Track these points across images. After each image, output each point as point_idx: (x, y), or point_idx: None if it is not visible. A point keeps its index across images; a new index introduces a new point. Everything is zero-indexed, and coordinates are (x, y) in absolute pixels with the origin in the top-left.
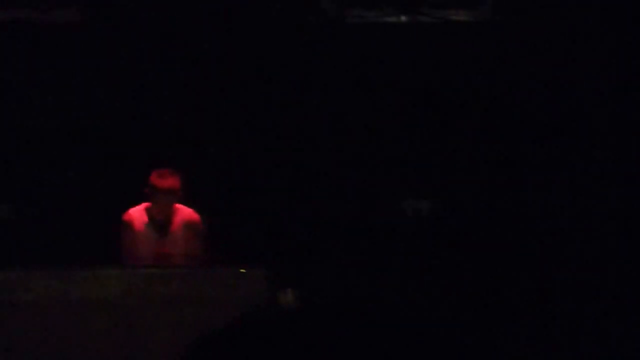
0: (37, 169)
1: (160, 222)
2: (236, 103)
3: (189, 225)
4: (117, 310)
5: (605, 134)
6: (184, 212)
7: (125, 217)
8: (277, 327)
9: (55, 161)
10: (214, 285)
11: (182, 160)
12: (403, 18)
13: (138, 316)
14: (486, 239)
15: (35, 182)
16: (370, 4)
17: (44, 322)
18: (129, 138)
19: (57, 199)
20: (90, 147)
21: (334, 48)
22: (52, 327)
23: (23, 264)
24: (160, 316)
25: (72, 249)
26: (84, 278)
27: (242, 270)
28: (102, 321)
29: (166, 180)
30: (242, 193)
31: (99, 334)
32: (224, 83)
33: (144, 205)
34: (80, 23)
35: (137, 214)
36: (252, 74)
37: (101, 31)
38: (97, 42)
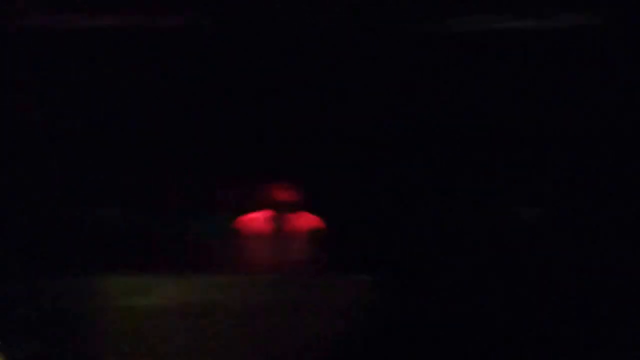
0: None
1: (281, 229)
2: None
3: (307, 232)
4: (239, 314)
5: None
6: (303, 220)
7: (247, 224)
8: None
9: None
10: (331, 291)
11: (299, 170)
12: None
13: (259, 321)
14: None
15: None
16: None
17: (164, 327)
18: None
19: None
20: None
21: None
22: (172, 331)
23: (146, 268)
24: (281, 321)
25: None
26: (206, 284)
27: (363, 278)
28: (221, 326)
29: (283, 192)
30: (352, 200)
31: (218, 338)
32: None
33: (264, 213)
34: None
35: (258, 222)
36: None
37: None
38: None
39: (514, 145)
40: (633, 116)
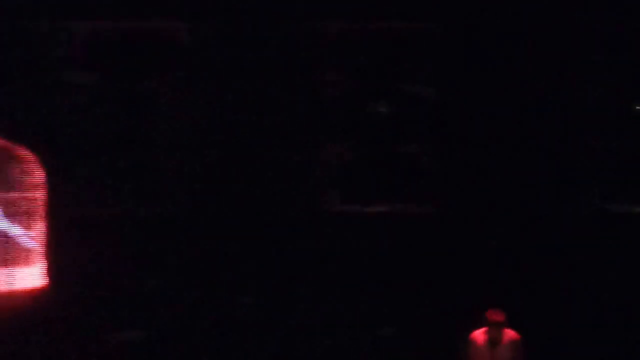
0: None
1: (493, 340)
2: None
3: (512, 342)
4: None
5: None
6: (509, 333)
7: (472, 336)
8: None
9: None
10: None
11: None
12: None
13: None
14: None
15: None
16: None
17: None
18: None
19: None
20: None
21: None
22: None
23: None
24: None
25: None
26: None
27: None
28: None
29: (496, 316)
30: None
31: None
32: None
33: (484, 329)
34: None
35: (479, 335)
36: None
37: None
38: None
39: None
40: None
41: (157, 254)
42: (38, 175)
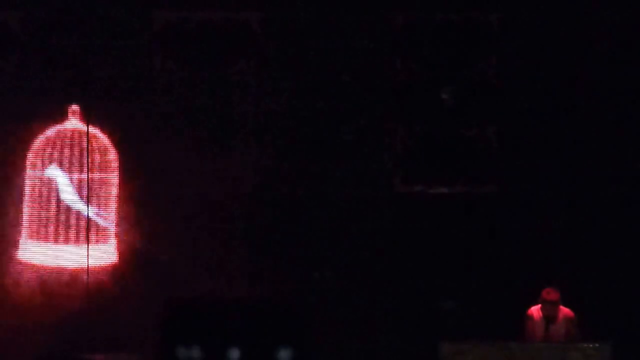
0: None
1: (548, 317)
2: None
3: (567, 319)
4: None
5: None
6: (564, 311)
7: (529, 312)
8: None
9: None
10: (576, 355)
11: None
12: None
13: None
14: None
15: None
16: None
17: None
18: None
19: None
20: None
21: None
22: None
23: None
24: None
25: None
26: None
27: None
28: None
29: (551, 295)
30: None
31: None
32: None
33: (539, 305)
34: None
35: (536, 311)
36: None
37: None
38: None
39: None
40: None
41: (230, 233)
42: (112, 157)
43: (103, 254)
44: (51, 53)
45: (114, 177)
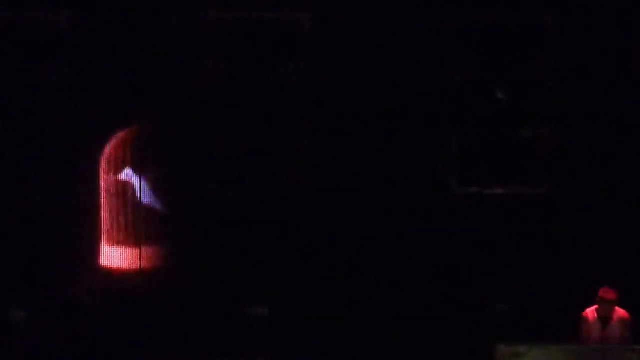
0: None
1: (604, 318)
2: None
3: (622, 320)
4: None
5: None
6: (620, 312)
7: (584, 314)
8: None
9: None
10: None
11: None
12: None
13: None
14: None
15: None
16: None
17: None
18: None
19: None
20: None
21: None
22: None
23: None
24: None
25: None
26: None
27: None
28: None
29: (608, 294)
30: None
31: None
32: None
33: (595, 306)
34: None
35: (591, 312)
36: None
37: None
38: None
39: None
40: None
41: (278, 234)
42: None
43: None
44: (106, 55)
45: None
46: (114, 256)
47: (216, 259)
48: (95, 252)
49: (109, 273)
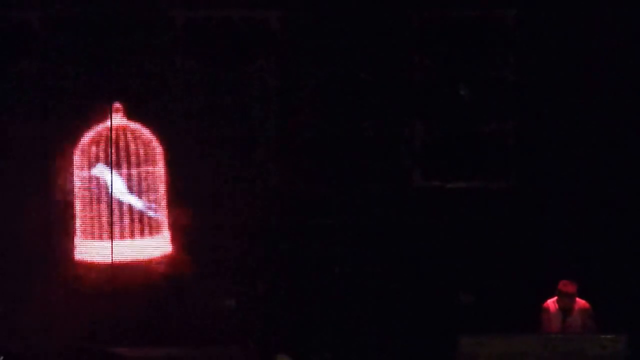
0: None
1: (565, 309)
2: None
3: (583, 311)
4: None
5: None
6: (580, 303)
7: (545, 304)
8: None
9: None
10: (592, 347)
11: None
12: None
13: None
14: None
15: None
16: None
17: None
18: None
19: None
20: None
21: None
22: None
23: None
24: None
25: None
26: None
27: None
28: None
29: (568, 287)
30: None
31: None
32: None
33: (555, 298)
34: None
35: (552, 303)
36: None
37: None
38: None
39: None
40: None
41: (266, 227)
42: (157, 151)
43: (157, 247)
44: (75, 53)
45: (160, 170)
46: (87, 250)
47: (196, 254)
48: (69, 246)
49: (84, 266)
